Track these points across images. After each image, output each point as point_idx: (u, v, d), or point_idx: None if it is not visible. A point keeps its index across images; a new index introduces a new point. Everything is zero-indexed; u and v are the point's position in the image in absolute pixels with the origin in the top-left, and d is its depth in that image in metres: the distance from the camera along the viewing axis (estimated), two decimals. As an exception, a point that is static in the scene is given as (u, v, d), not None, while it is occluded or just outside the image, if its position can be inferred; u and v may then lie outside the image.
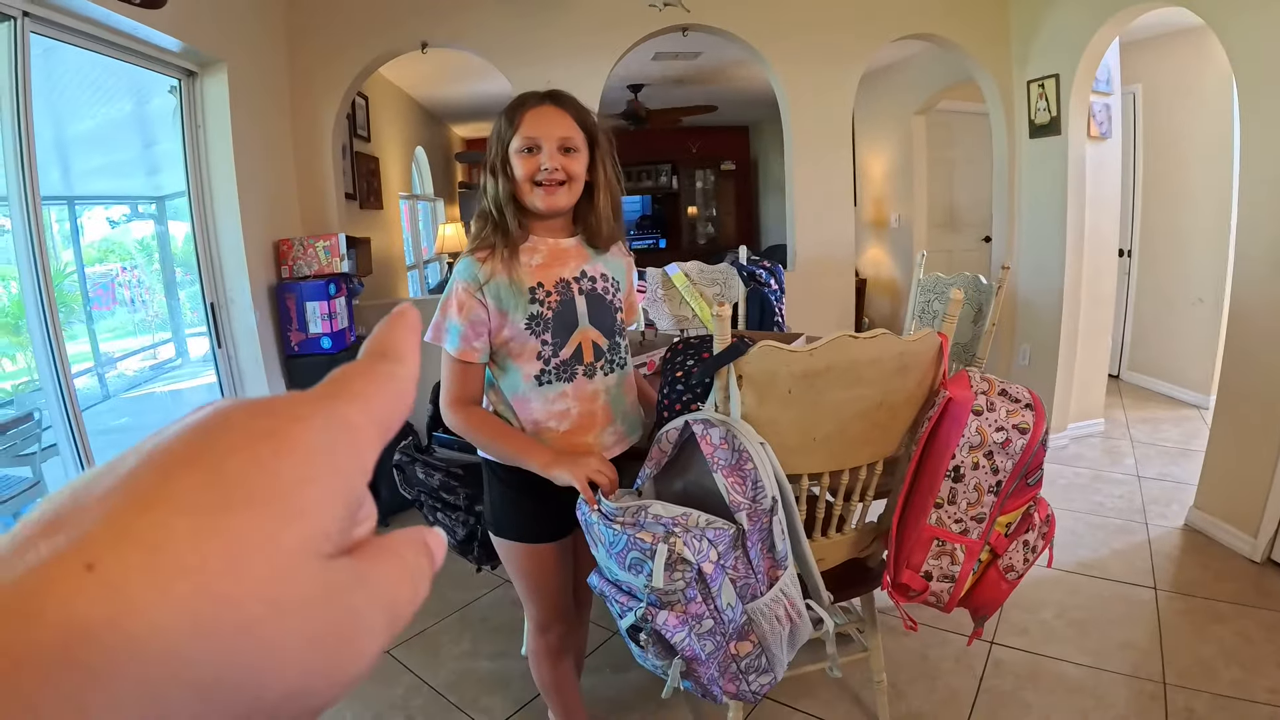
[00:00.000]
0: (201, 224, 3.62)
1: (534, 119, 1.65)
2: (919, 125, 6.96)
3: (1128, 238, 6.02)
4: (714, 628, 1.35)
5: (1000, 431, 1.61)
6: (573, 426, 1.73)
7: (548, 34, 4.26)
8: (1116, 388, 6.03)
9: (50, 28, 2.59)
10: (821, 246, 4.74)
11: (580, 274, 1.73)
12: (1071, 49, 4.26)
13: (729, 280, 3.45)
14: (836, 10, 4.53)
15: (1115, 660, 2.66)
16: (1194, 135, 5.48)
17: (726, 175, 11.46)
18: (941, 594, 1.71)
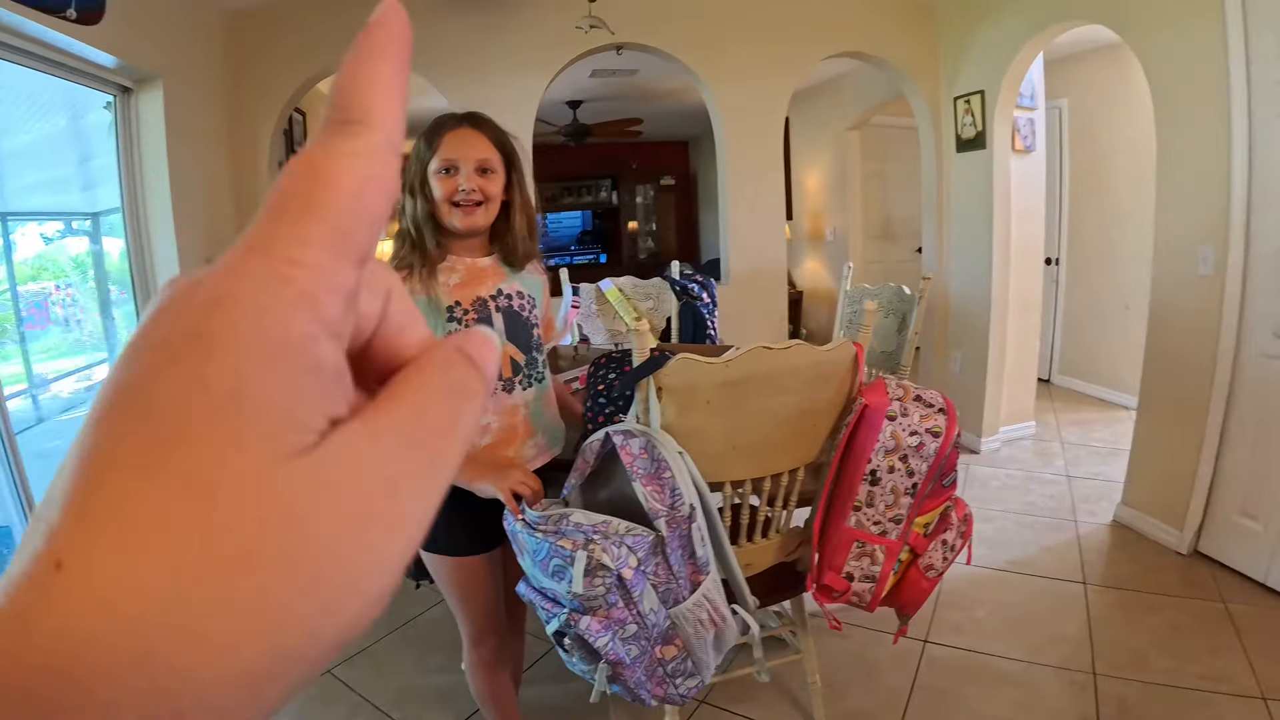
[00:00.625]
0: (136, 242, 3.59)
1: (452, 141, 1.69)
2: (853, 140, 7.11)
3: (1056, 247, 6.21)
4: (638, 632, 1.39)
5: (914, 435, 1.67)
6: (494, 440, 1.75)
7: (484, 52, 4.28)
8: (1048, 391, 6.20)
9: None
10: (754, 260, 4.82)
11: (497, 292, 1.77)
12: (996, 66, 4.41)
13: (662, 295, 3.50)
14: (768, 29, 4.62)
15: (1048, 654, 2.74)
16: (1119, 147, 5.68)
17: (666, 190, 11.51)
18: (864, 594, 1.77)
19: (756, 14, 4.58)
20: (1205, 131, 3.25)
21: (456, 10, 4.21)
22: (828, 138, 7.41)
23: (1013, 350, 4.85)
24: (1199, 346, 3.35)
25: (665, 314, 3.47)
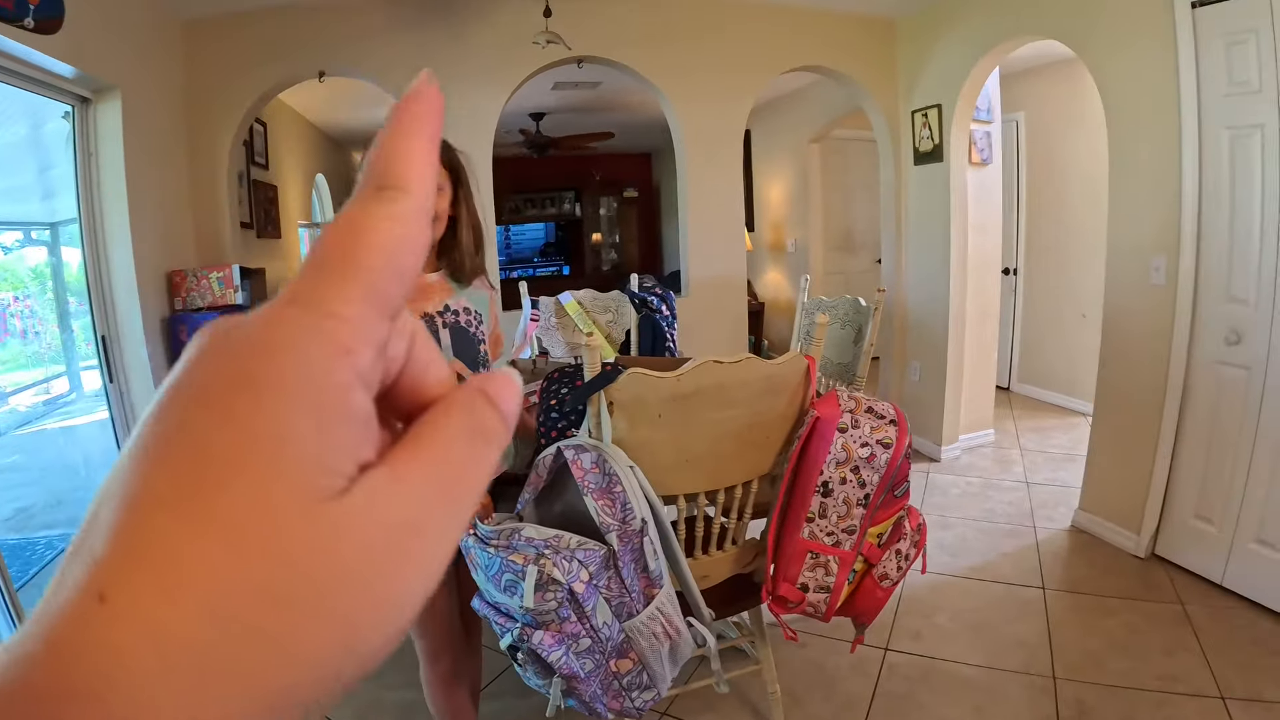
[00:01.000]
0: (93, 254, 3.53)
1: None
2: (814, 152, 7.17)
3: (1014, 257, 6.31)
4: (592, 646, 1.39)
5: (865, 447, 1.69)
6: None
7: (444, 64, 4.27)
8: (1007, 399, 6.28)
9: None
10: (714, 271, 4.84)
11: (444, 308, 1.76)
12: (952, 80, 4.48)
13: (621, 308, 3.51)
14: (729, 43, 4.65)
15: (1007, 658, 2.78)
16: (1074, 159, 5.79)
17: (629, 202, 11.53)
18: (819, 604, 1.78)
19: (716, 28, 4.62)
20: (1156, 144, 3.33)
21: (416, 23, 4.20)
22: (789, 150, 7.47)
23: (971, 359, 4.91)
24: (1152, 353, 3.42)
25: (625, 326, 3.48)
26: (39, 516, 4.46)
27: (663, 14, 4.50)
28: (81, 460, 5.07)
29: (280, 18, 4.14)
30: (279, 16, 4.13)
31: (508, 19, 4.24)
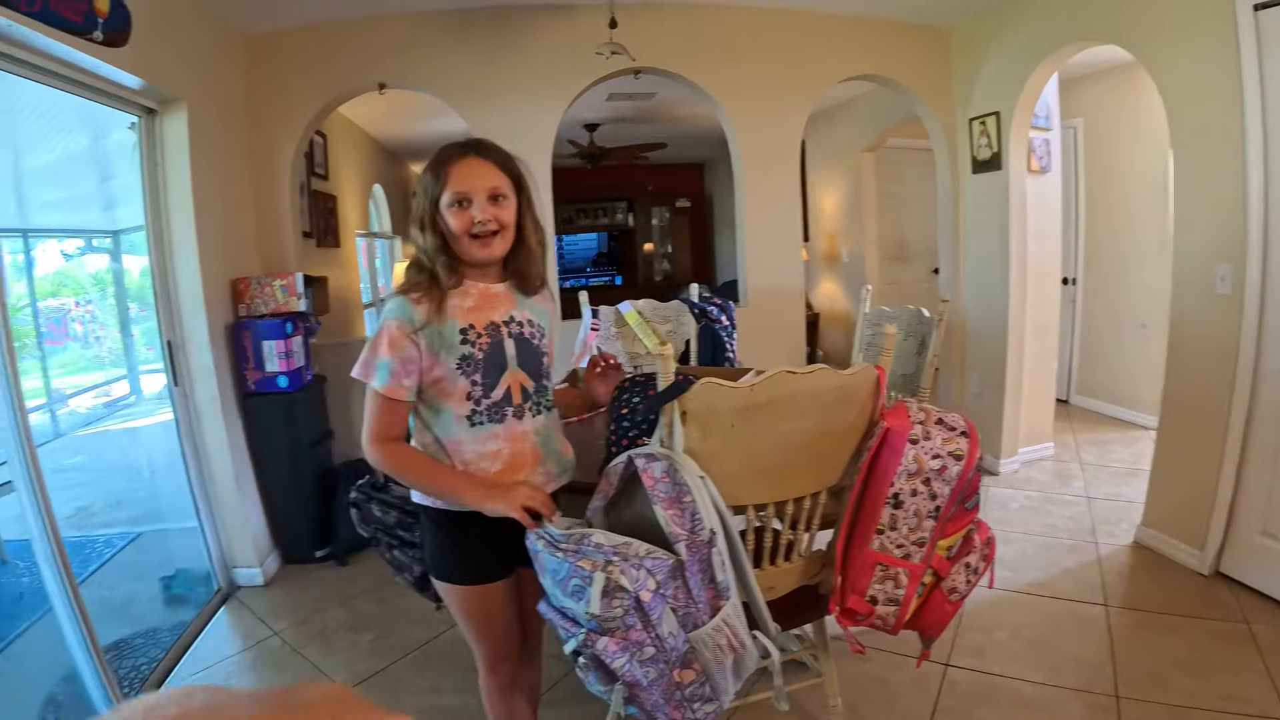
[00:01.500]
0: (159, 262, 3.60)
1: (461, 172, 1.69)
2: (868, 161, 7.12)
3: (1072, 266, 6.20)
4: (656, 655, 1.39)
5: (936, 459, 1.68)
6: (505, 466, 1.74)
7: (504, 77, 4.33)
8: (1066, 412, 6.17)
9: (11, 63, 2.59)
10: (772, 282, 4.84)
11: (509, 318, 1.77)
12: (1010, 87, 4.42)
13: (681, 318, 3.52)
14: (785, 52, 4.65)
15: (1068, 676, 2.72)
16: (1134, 166, 5.69)
17: (681, 212, 11.59)
18: (887, 617, 1.77)
19: (772, 39, 4.62)
20: (1220, 150, 3.25)
21: (475, 35, 4.26)
22: (842, 160, 7.43)
23: (1030, 371, 4.84)
24: (1218, 365, 3.34)
25: (684, 336, 3.49)
26: (99, 515, 4.56)
27: (719, 25, 4.52)
28: (145, 461, 5.18)
29: (340, 31, 4.22)
30: (339, 30, 4.22)
31: (566, 31, 4.29)
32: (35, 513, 2.61)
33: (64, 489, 4.26)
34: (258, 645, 3.33)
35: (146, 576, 4.00)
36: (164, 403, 3.97)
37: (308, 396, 4.09)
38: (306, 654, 3.23)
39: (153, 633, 3.44)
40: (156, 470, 5.14)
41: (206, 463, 3.77)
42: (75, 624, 2.69)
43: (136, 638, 3.36)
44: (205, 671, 3.14)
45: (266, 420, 3.93)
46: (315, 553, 4.09)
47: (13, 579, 3.84)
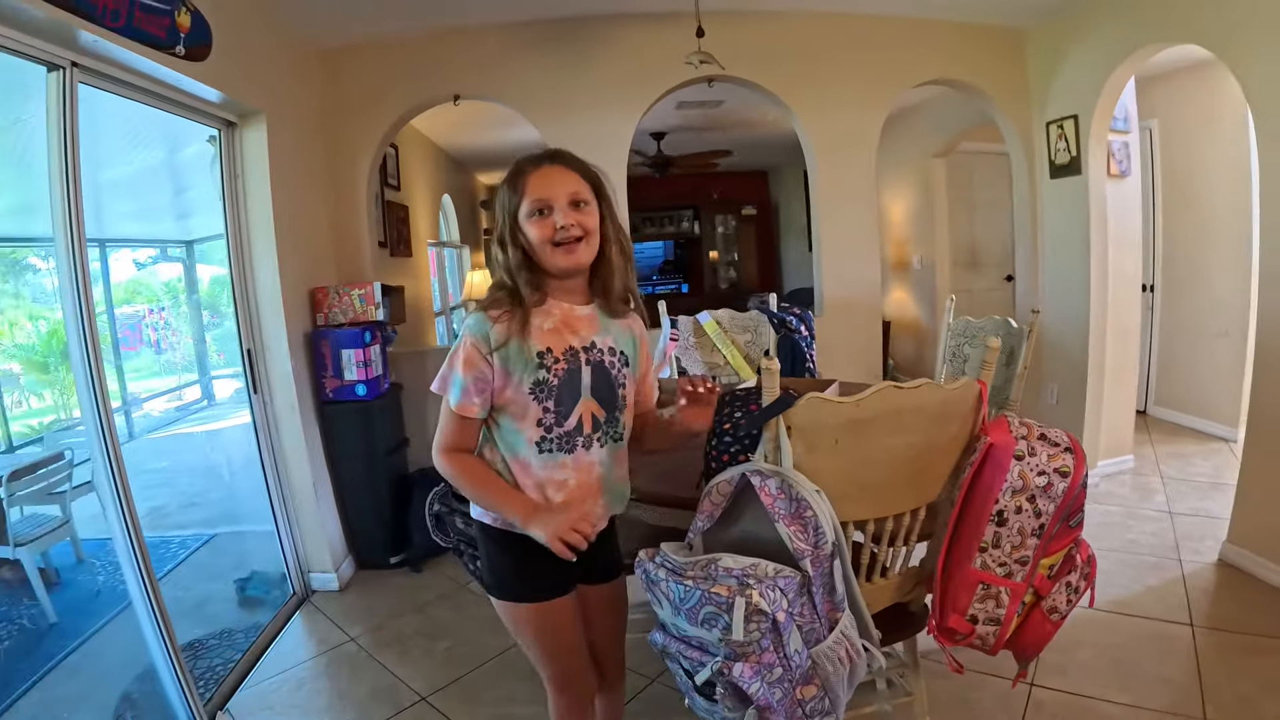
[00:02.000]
0: (239, 271, 3.68)
1: (539, 181, 1.64)
2: (938, 167, 7.04)
3: (1149, 272, 6.04)
4: (783, 675, 1.38)
5: (1042, 475, 1.65)
6: (568, 497, 1.69)
7: (579, 87, 4.39)
8: (1144, 423, 6.01)
9: (97, 78, 2.66)
10: (848, 291, 4.81)
11: (590, 344, 1.70)
12: (1089, 90, 4.34)
13: (760, 327, 3.51)
14: (859, 59, 4.64)
15: (1155, 697, 2.64)
16: (1211, 168, 5.53)
17: (747, 220, 11.57)
18: (987, 637, 1.74)
19: (846, 44, 4.61)
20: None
21: (548, 46, 4.32)
22: (912, 165, 7.35)
23: (1111, 381, 4.73)
24: (1310, 375, 3.23)
25: (763, 347, 3.47)
26: (172, 516, 4.67)
27: (794, 31, 4.52)
28: (219, 465, 5.30)
29: (415, 44, 4.31)
30: (413, 43, 4.31)
31: (638, 40, 4.33)
32: (117, 512, 2.67)
33: (138, 490, 4.38)
34: (334, 650, 3.37)
35: (220, 578, 4.09)
36: (236, 407, 4.06)
37: (384, 405, 4.14)
38: (383, 660, 3.26)
39: (227, 634, 3.51)
40: (231, 474, 5.26)
41: (284, 469, 3.84)
42: (154, 623, 2.74)
43: (210, 639, 3.43)
44: (281, 675, 3.19)
45: (343, 428, 3.99)
46: (390, 559, 4.14)
47: (89, 577, 3.95)
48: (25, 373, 4.42)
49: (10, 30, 2.22)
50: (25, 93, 2.85)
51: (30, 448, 4.24)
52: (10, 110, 3.38)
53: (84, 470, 3.94)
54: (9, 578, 3.54)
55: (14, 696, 2.95)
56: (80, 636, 3.45)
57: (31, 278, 4.48)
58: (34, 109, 2.76)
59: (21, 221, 4.40)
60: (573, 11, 4.24)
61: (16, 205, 4.21)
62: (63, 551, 3.87)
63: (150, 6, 2.64)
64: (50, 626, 3.48)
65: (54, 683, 3.13)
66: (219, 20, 3.07)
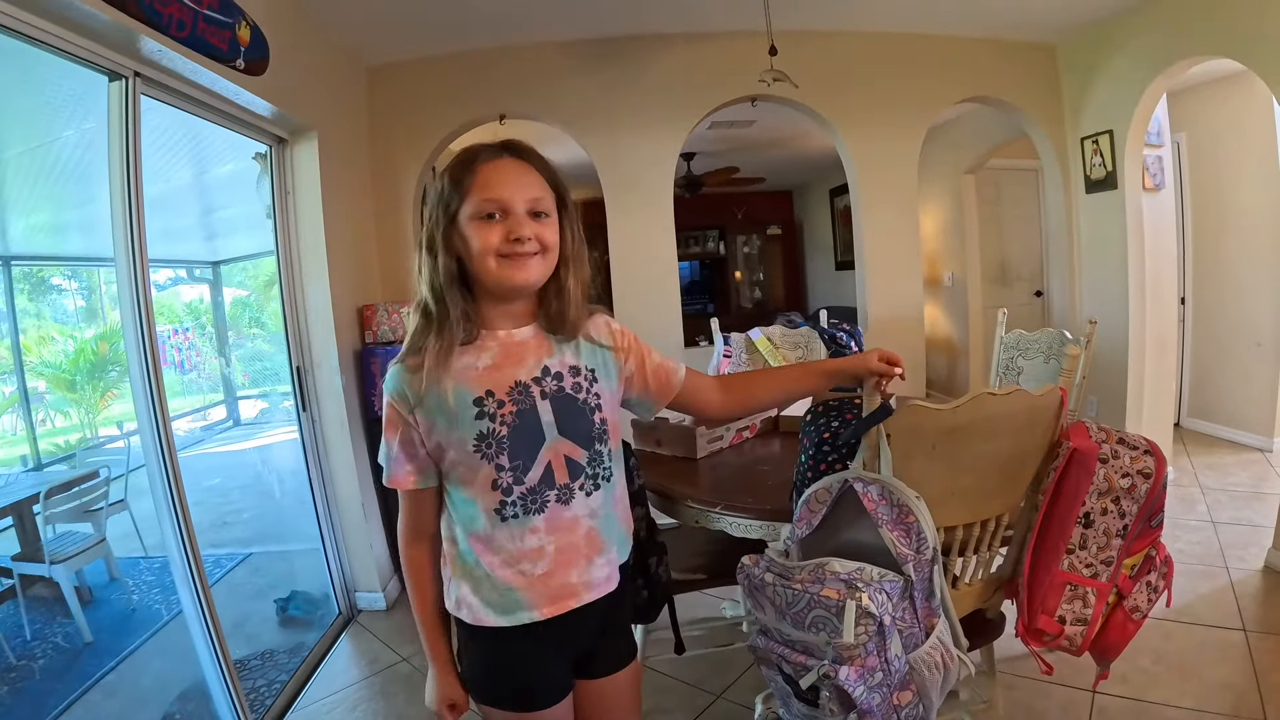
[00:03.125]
0: (289, 288, 3.69)
1: (494, 176, 1.33)
2: (969, 183, 7.08)
3: (1182, 285, 6.07)
4: (883, 680, 1.39)
5: (1126, 478, 1.69)
6: (552, 567, 1.39)
7: (624, 106, 4.46)
8: (1179, 435, 6.02)
9: (158, 89, 2.68)
10: (892, 308, 4.87)
11: (542, 372, 1.38)
12: (1124, 105, 4.39)
13: (811, 343, 3.55)
14: (899, 77, 4.71)
15: (1217, 702, 2.68)
16: (1240, 180, 5.57)
17: (772, 239, 11.60)
18: (1075, 637, 1.78)
19: (887, 63, 4.69)
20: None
21: (595, 66, 4.40)
22: (943, 181, 7.40)
23: (1150, 393, 4.75)
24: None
25: (813, 363, 3.51)
26: (206, 535, 4.68)
27: (834, 51, 4.61)
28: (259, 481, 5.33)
29: (461, 63, 4.36)
30: (460, 62, 4.36)
31: (685, 59, 4.42)
32: (173, 524, 2.69)
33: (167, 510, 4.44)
34: (387, 670, 3.36)
35: (259, 597, 4.12)
36: (263, 428, 4.07)
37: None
38: (436, 681, 3.28)
39: (270, 654, 3.51)
40: (266, 493, 5.30)
41: (332, 487, 3.84)
42: (208, 639, 2.74)
43: (253, 659, 3.44)
44: (335, 696, 3.19)
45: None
46: (438, 577, 4.11)
47: (123, 595, 3.99)
48: (51, 390, 4.47)
49: (76, 37, 2.22)
50: (59, 113, 2.89)
51: (58, 465, 4.29)
52: (43, 130, 3.43)
53: (117, 488, 3.99)
54: (45, 595, 3.57)
55: (51, 716, 2.98)
56: (116, 656, 3.49)
57: (55, 297, 4.52)
58: (69, 128, 2.80)
59: (51, 240, 4.46)
60: (620, 31, 4.31)
61: (46, 224, 4.27)
62: (96, 570, 3.91)
63: (213, 19, 2.67)
64: (85, 645, 3.51)
65: (92, 702, 3.15)
66: (275, 35, 3.11)
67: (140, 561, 4.27)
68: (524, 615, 1.39)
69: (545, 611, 1.39)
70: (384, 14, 3.77)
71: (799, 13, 4.20)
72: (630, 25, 4.27)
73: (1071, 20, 4.52)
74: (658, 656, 3.02)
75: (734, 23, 4.05)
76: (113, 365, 4.54)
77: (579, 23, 4.18)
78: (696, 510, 2.16)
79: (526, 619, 1.39)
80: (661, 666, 3.12)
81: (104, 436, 4.77)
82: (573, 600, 1.41)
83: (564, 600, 1.41)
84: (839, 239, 9.92)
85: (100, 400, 4.72)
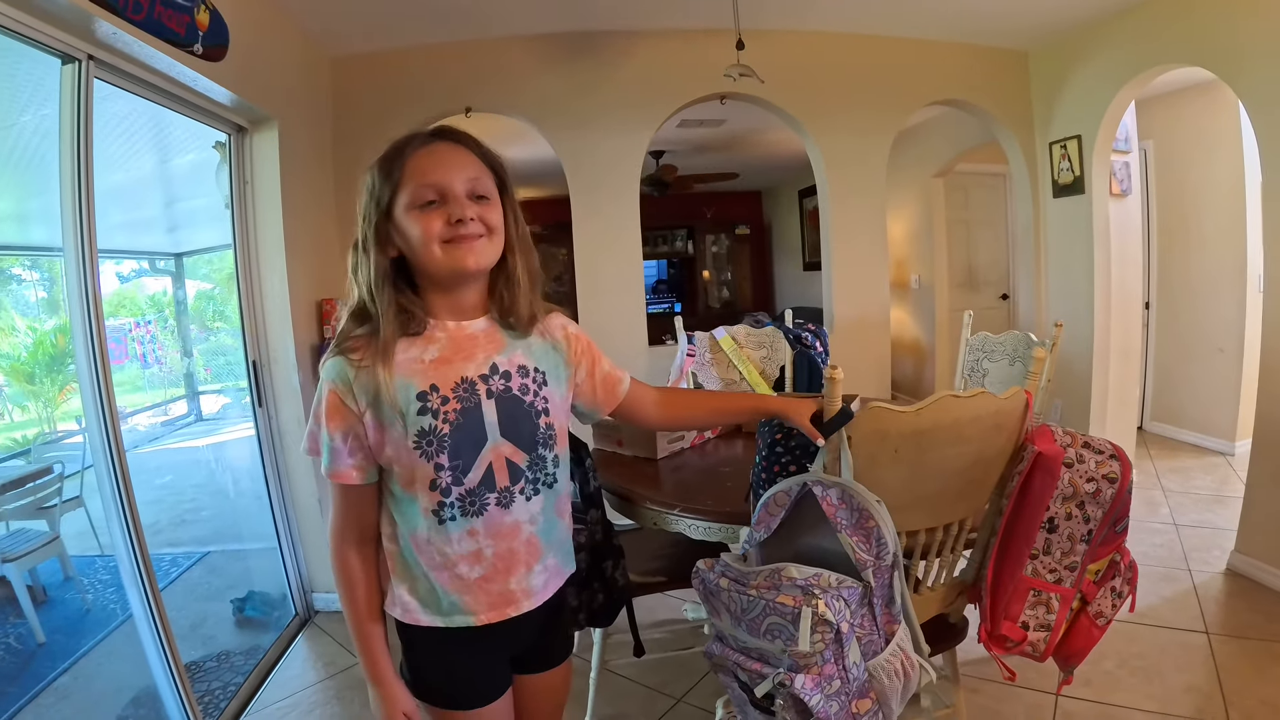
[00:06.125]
0: (246, 280, 3.60)
1: (427, 162, 1.29)
2: (937, 187, 7.12)
3: (1146, 290, 6.13)
4: (841, 688, 1.36)
5: (1091, 482, 1.67)
6: (488, 572, 1.35)
7: (593, 101, 4.41)
8: (1143, 438, 6.09)
9: (113, 74, 2.60)
10: (859, 309, 4.85)
11: (490, 369, 1.33)
12: (1093, 111, 4.42)
13: (775, 344, 3.53)
14: (870, 79, 4.71)
15: (1180, 705, 2.69)
16: (1206, 187, 5.63)
17: (740, 239, 11.63)
18: (1038, 643, 1.76)
19: (858, 64, 4.68)
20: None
21: (563, 60, 4.36)
22: (912, 186, 7.43)
23: (1115, 398, 4.79)
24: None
25: (779, 363, 3.50)
26: (163, 533, 4.60)
27: (806, 51, 4.58)
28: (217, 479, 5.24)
29: (428, 55, 4.30)
30: (426, 54, 4.30)
31: (654, 55, 4.38)
32: (121, 525, 2.60)
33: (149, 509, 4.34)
34: (344, 673, 3.30)
35: (215, 598, 4.03)
36: (225, 423, 3.98)
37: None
38: (393, 684, 3.23)
39: (225, 656, 3.44)
40: (226, 490, 5.20)
41: (288, 484, 3.76)
42: (157, 643, 2.67)
43: (208, 661, 3.36)
44: (290, 699, 3.13)
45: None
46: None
47: (77, 595, 3.89)
48: (10, 383, 4.36)
49: (28, 18, 2.15)
50: (17, 97, 2.79)
51: (16, 460, 4.19)
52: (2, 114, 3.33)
53: (73, 485, 3.90)
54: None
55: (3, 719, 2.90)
56: (70, 657, 3.38)
57: (15, 288, 4.42)
58: (27, 113, 2.70)
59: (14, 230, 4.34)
60: (590, 26, 4.27)
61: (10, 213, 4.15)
62: (50, 569, 3.81)
63: (172, 2, 2.58)
64: (39, 646, 3.41)
65: (44, 706, 3.06)
66: (236, 21, 3.02)
67: (96, 560, 4.17)
68: (461, 619, 1.36)
69: (484, 618, 1.37)
70: (349, 3, 3.70)
71: (768, 13, 4.18)
72: (599, 20, 4.23)
73: (1045, 27, 4.54)
74: (618, 660, 2.99)
75: (703, 20, 4.02)
76: (71, 359, 4.45)
77: (548, 17, 4.13)
78: (655, 512, 2.13)
79: (464, 623, 1.36)
80: (622, 670, 3.09)
81: (62, 431, 4.67)
82: (511, 609, 1.39)
83: (503, 608, 1.38)
84: (807, 240, 9.97)
85: (59, 394, 4.62)
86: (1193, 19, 3.78)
